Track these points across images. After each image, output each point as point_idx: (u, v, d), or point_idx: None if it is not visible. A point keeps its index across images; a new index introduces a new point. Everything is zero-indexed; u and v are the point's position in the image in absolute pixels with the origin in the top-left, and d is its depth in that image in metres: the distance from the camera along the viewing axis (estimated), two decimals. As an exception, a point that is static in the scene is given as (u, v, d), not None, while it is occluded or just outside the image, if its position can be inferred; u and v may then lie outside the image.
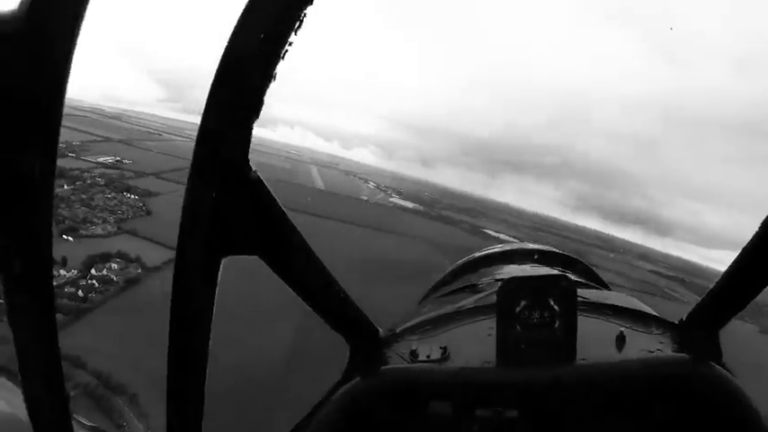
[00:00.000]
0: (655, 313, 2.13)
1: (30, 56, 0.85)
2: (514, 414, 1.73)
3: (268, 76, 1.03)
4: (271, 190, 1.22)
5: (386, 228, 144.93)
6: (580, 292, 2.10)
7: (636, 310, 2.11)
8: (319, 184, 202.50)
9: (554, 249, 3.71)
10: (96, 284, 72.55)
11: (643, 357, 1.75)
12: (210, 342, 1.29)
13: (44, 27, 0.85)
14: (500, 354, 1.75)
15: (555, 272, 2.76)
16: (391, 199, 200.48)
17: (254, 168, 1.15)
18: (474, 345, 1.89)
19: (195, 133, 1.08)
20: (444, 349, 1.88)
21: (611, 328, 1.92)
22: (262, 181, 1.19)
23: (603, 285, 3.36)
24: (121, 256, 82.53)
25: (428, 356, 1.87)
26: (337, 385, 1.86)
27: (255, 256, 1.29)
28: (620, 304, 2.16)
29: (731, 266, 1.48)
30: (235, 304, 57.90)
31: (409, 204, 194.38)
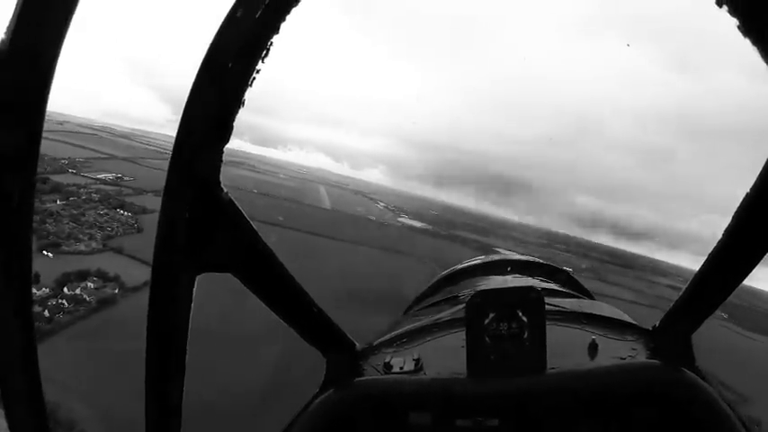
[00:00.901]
0: (631, 320, 2.16)
1: (12, 79, 0.87)
2: (490, 424, 1.78)
3: (237, 103, 1.09)
4: (242, 209, 1.28)
5: (393, 248, 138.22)
6: (557, 301, 2.33)
7: (610, 318, 2.14)
8: (326, 203, 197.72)
9: (537, 259, 3.73)
10: (66, 304, 66.64)
11: (614, 364, 1.78)
12: (187, 358, 1.32)
13: (26, 52, 0.87)
14: (470, 365, 1.79)
15: (526, 283, 2.71)
16: (400, 218, 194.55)
17: (225, 189, 1.21)
18: (446, 356, 1.94)
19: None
20: (417, 361, 1.93)
21: (585, 336, 1.95)
22: (233, 201, 1.25)
23: (587, 294, 3.33)
24: (100, 274, 76.88)
25: (401, 368, 1.92)
26: (314, 398, 1.89)
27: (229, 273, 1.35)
28: (595, 312, 2.19)
29: (699, 271, 1.53)
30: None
31: (418, 224, 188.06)
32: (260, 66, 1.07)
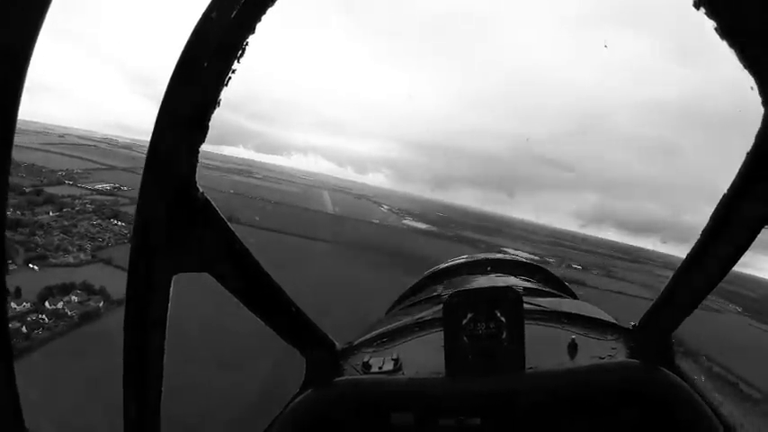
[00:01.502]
0: (611, 319, 2.17)
1: None
2: (472, 423, 1.79)
3: (212, 103, 1.08)
4: (218, 209, 1.28)
5: (396, 250, 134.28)
6: (537, 300, 2.36)
7: (590, 317, 2.14)
8: (329, 208, 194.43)
9: (520, 258, 3.81)
10: (46, 319, 63.26)
11: (594, 364, 1.79)
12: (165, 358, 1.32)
13: None
14: (448, 365, 1.80)
15: (506, 283, 2.63)
16: (404, 221, 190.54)
17: (201, 189, 1.20)
18: (425, 356, 1.96)
19: (207, 161, 1.18)
20: (396, 361, 1.94)
21: (565, 335, 1.97)
22: (209, 201, 1.24)
23: (569, 293, 3.35)
24: (85, 287, 73.55)
25: (380, 368, 1.92)
26: (294, 397, 1.90)
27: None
28: (575, 311, 2.20)
29: (678, 271, 1.56)
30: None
31: (422, 225, 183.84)
32: (236, 66, 1.05)
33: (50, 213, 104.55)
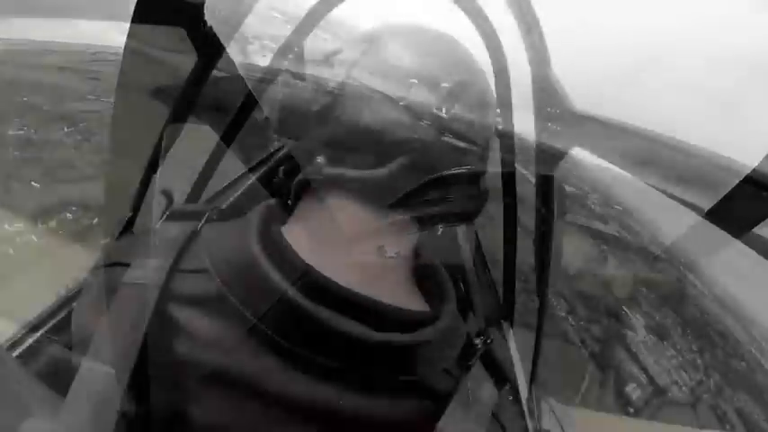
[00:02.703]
0: None
1: None
2: None
3: None
4: (228, 51, 0.99)
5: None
6: None
7: None
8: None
9: None
10: (35, 240, 57.99)
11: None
12: None
13: None
14: None
15: None
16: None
17: (209, 24, 0.94)
18: None
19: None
20: None
21: None
22: (218, 37, 0.97)
23: None
24: (82, 203, 67.19)
25: None
26: None
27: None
28: None
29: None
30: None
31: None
32: None
33: (65, 129, 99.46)
